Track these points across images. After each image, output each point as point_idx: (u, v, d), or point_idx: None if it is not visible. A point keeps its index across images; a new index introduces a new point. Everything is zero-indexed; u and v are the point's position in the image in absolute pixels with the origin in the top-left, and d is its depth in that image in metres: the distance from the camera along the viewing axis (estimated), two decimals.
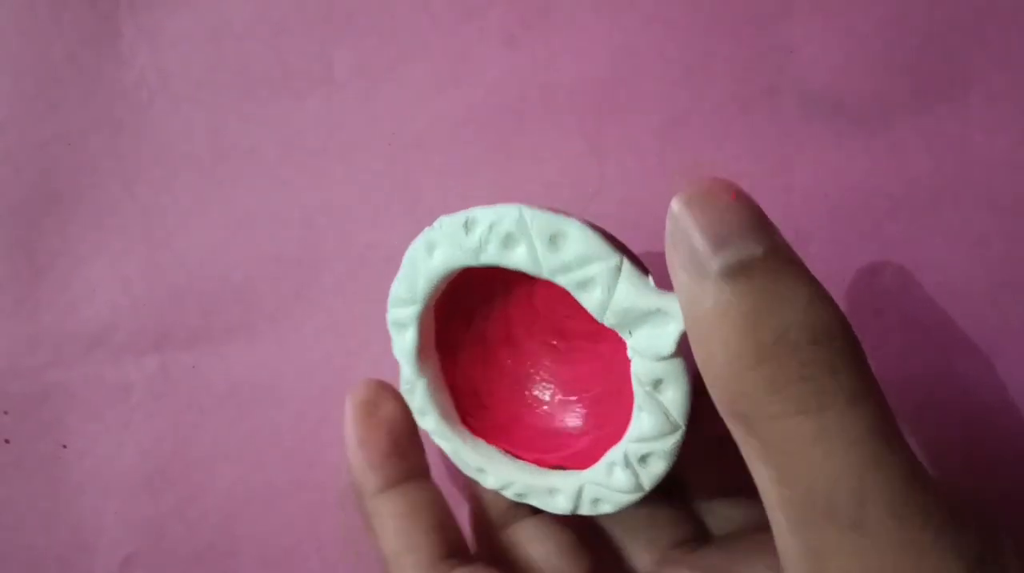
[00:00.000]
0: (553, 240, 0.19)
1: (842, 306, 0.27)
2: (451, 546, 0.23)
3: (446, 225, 0.20)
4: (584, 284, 0.19)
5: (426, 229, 0.21)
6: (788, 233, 0.27)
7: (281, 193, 0.29)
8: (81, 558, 0.28)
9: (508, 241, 0.19)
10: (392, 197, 0.28)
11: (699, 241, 0.16)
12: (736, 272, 0.15)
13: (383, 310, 0.28)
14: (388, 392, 0.24)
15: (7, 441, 0.29)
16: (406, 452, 0.23)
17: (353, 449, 0.23)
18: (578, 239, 0.19)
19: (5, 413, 0.29)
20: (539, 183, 0.28)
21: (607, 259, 0.18)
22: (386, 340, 0.24)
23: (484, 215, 0.19)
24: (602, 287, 0.19)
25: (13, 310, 0.29)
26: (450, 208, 0.28)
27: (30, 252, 0.29)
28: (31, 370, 0.29)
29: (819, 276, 0.27)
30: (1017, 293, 0.27)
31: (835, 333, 0.15)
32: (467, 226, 0.20)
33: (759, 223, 0.16)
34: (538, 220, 0.19)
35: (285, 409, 0.28)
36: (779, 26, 0.28)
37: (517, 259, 0.19)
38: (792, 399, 0.15)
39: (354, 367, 0.28)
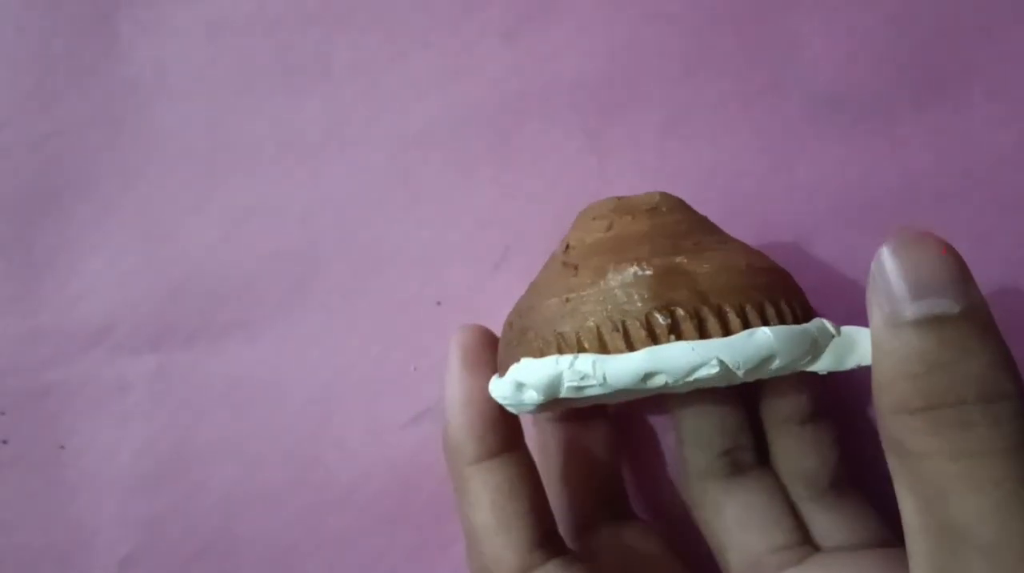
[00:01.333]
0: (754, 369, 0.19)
1: (844, 304, 0.27)
2: (545, 532, 0.22)
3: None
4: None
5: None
6: (790, 231, 0.27)
7: (280, 189, 0.28)
8: (79, 558, 0.28)
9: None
10: (392, 193, 0.28)
11: (899, 287, 0.17)
12: (928, 323, 0.17)
13: (382, 307, 0.28)
14: (493, 338, 0.23)
15: (5, 441, 0.29)
16: (509, 418, 0.22)
17: (455, 409, 0.22)
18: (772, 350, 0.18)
19: (3, 413, 0.29)
20: (539, 180, 0.28)
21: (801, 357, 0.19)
22: (386, 338, 0.24)
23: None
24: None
25: (11, 308, 0.29)
26: (450, 207, 0.28)
27: (28, 249, 0.29)
28: (29, 369, 0.29)
29: (822, 274, 0.27)
30: (1019, 292, 0.27)
31: (1007, 394, 0.17)
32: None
33: (960, 282, 0.17)
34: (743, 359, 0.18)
35: (284, 408, 0.28)
36: (782, 22, 0.27)
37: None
38: (947, 442, 0.17)
39: (354, 365, 0.28)
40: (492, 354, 0.22)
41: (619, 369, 0.18)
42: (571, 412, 0.26)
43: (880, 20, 0.27)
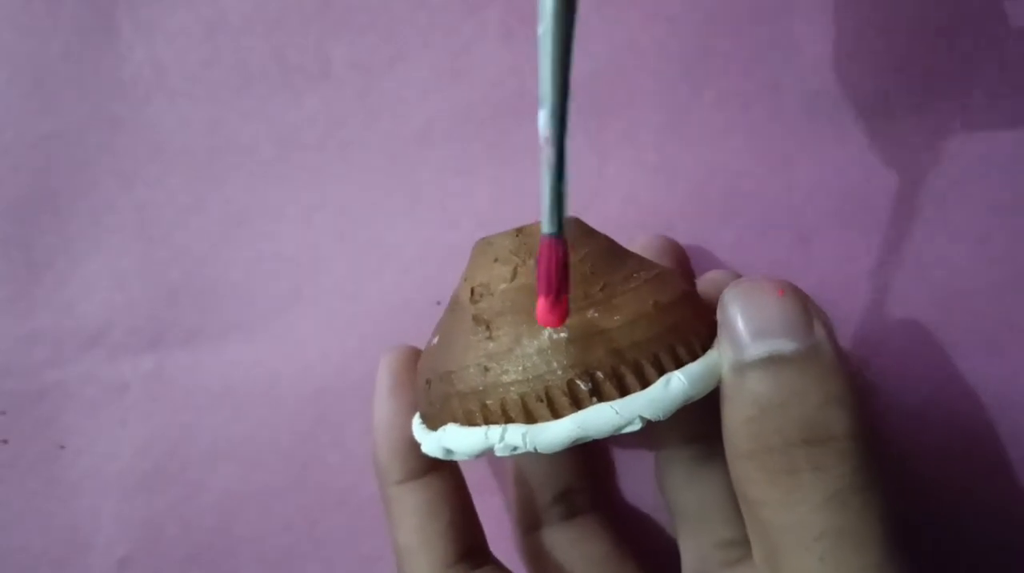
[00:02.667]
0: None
1: (842, 305, 0.27)
2: (466, 546, 0.22)
3: None
4: None
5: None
6: (789, 232, 0.27)
7: (278, 190, 0.28)
8: (78, 558, 0.28)
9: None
10: (390, 194, 0.28)
11: (741, 332, 0.17)
12: (766, 364, 0.17)
13: (381, 308, 0.28)
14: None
15: (4, 441, 0.29)
16: None
17: (380, 431, 0.23)
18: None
19: (2, 413, 0.29)
20: (538, 180, 0.28)
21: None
22: (385, 338, 0.24)
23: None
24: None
25: (9, 308, 0.29)
26: (450, 207, 0.28)
27: (27, 250, 0.29)
28: (28, 369, 0.29)
29: (820, 275, 0.27)
30: (1019, 292, 0.27)
31: (834, 436, 0.17)
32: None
33: (800, 322, 0.17)
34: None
35: (282, 409, 0.28)
36: (781, 23, 0.27)
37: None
38: (776, 489, 0.17)
39: (352, 367, 0.28)
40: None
41: (549, 438, 0.18)
42: None
43: (879, 22, 0.27)
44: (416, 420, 0.22)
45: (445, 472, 0.23)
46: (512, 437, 0.19)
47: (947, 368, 0.27)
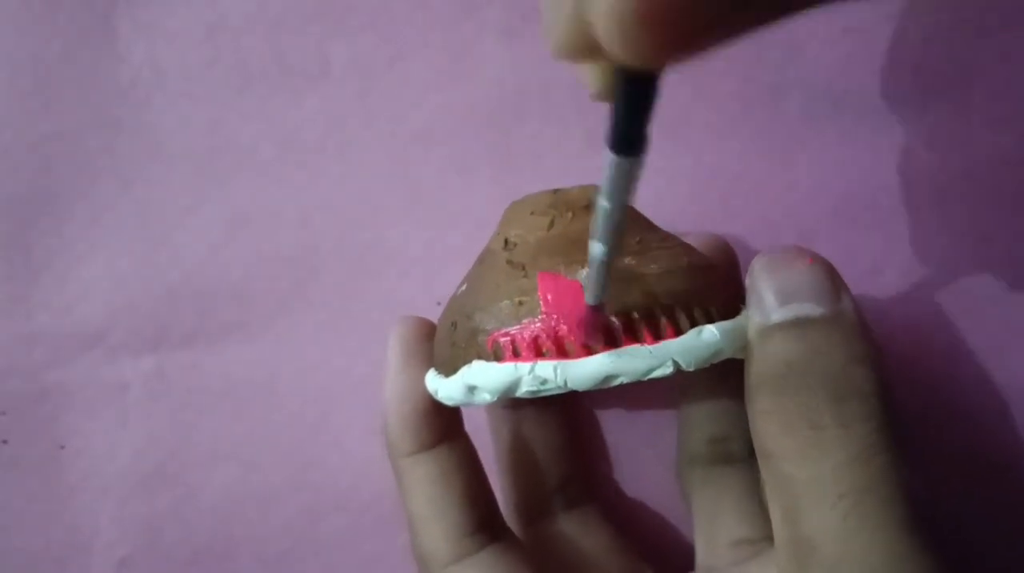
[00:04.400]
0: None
1: None
2: (481, 517, 0.22)
3: None
4: None
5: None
6: (790, 231, 0.27)
7: (278, 191, 0.28)
8: (78, 559, 0.28)
9: None
10: (391, 194, 0.28)
11: (768, 297, 0.18)
12: (792, 326, 0.18)
13: (381, 309, 0.28)
14: (432, 330, 0.23)
15: (4, 441, 0.29)
16: (444, 410, 0.22)
17: (392, 403, 0.22)
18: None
19: (2, 413, 0.29)
20: (539, 180, 0.28)
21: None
22: (384, 339, 0.24)
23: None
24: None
25: (10, 309, 0.29)
26: (450, 207, 0.28)
27: (26, 251, 0.29)
28: (28, 370, 0.29)
29: None
30: (1020, 292, 0.27)
31: (859, 393, 0.17)
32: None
33: (826, 288, 0.18)
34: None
35: (283, 409, 0.28)
36: (781, 23, 0.27)
37: None
38: (798, 444, 0.17)
39: (352, 367, 0.28)
40: (430, 347, 0.23)
41: (581, 373, 0.18)
42: (531, 403, 0.26)
43: (880, 21, 0.27)
44: (431, 373, 0.22)
45: (457, 444, 0.22)
46: (543, 370, 0.19)
47: (948, 368, 0.27)
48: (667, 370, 0.18)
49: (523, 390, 0.19)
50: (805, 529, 0.17)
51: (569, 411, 0.27)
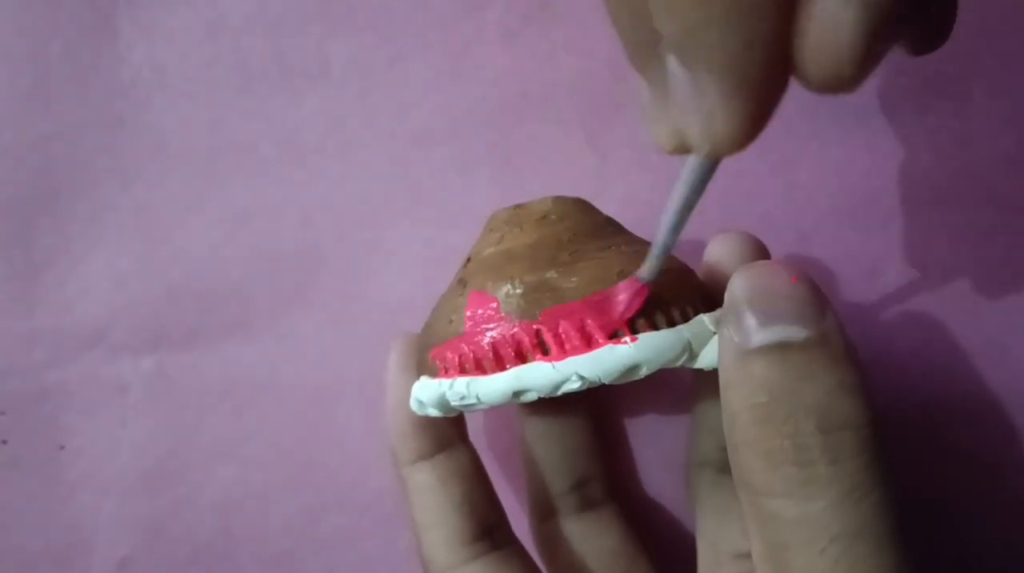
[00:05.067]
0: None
1: (844, 305, 0.27)
2: (484, 524, 0.22)
3: None
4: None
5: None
6: (790, 231, 0.27)
7: (279, 190, 0.28)
8: (78, 558, 0.28)
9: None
10: (391, 194, 0.28)
11: (748, 317, 0.17)
12: (774, 350, 0.16)
13: (381, 308, 0.28)
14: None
15: (4, 441, 0.28)
16: (441, 419, 0.22)
17: (390, 414, 0.23)
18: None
19: (2, 413, 0.29)
20: (539, 180, 0.28)
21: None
22: (384, 339, 0.24)
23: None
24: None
25: (10, 308, 0.29)
26: (450, 207, 0.28)
27: (27, 250, 0.29)
28: (28, 369, 0.29)
29: (821, 275, 0.27)
30: (1020, 292, 0.27)
31: (849, 424, 0.16)
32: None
33: (810, 309, 0.17)
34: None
35: (283, 408, 0.28)
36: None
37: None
38: (784, 480, 0.16)
39: (352, 367, 0.28)
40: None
41: (489, 389, 0.19)
42: (547, 401, 0.26)
43: None
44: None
45: (457, 451, 0.23)
46: (459, 387, 0.19)
47: (948, 368, 0.27)
48: (574, 384, 0.18)
49: (454, 404, 0.20)
50: (792, 572, 0.16)
51: (591, 412, 0.27)
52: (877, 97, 0.27)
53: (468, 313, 0.20)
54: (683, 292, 0.20)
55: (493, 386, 0.19)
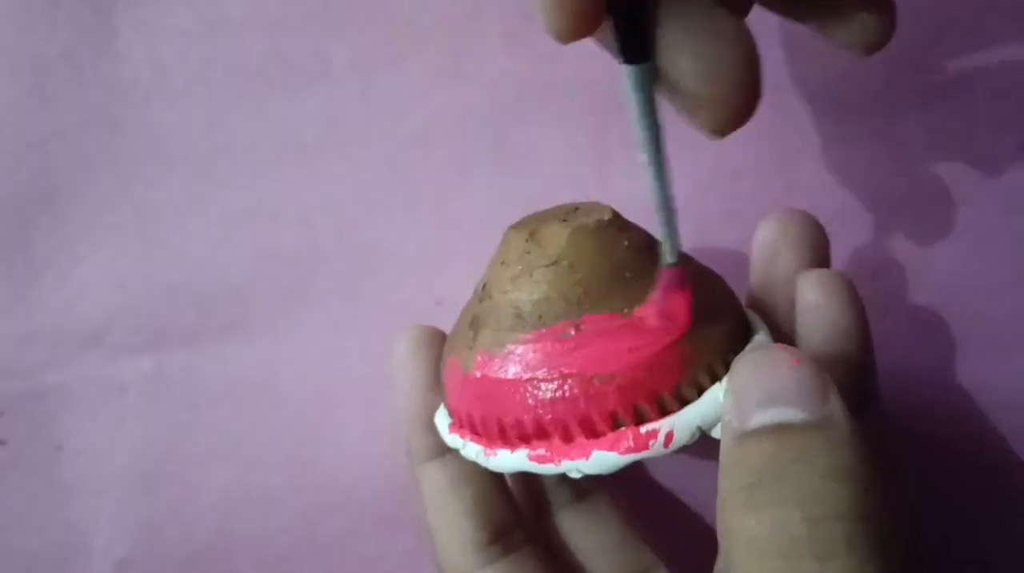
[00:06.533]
0: None
1: None
2: (496, 528, 0.22)
3: None
4: None
5: None
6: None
7: (278, 190, 0.28)
8: (76, 559, 0.28)
9: None
10: (391, 193, 0.28)
11: (747, 400, 0.16)
12: (770, 431, 0.16)
13: (381, 309, 0.28)
14: (439, 336, 0.23)
15: (3, 442, 0.28)
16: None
17: (398, 414, 0.22)
18: None
19: (1, 413, 0.28)
20: (539, 180, 0.28)
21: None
22: (384, 338, 0.24)
23: None
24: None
25: (8, 309, 0.28)
26: (450, 207, 0.28)
27: (25, 250, 0.29)
28: (27, 370, 0.28)
29: None
30: (1022, 291, 0.27)
31: (841, 515, 0.15)
32: None
33: (812, 391, 0.16)
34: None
35: (282, 409, 0.28)
36: (782, 22, 0.27)
37: None
38: None
39: (352, 367, 0.28)
40: (435, 356, 0.22)
41: (497, 464, 0.20)
42: None
43: None
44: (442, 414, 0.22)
45: None
46: (469, 451, 0.20)
47: (949, 368, 0.27)
48: (576, 475, 0.19)
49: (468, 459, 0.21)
50: None
51: None
52: (877, 97, 0.27)
53: (479, 374, 0.20)
54: (708, 343, 0.19)
55: (502, 463, 0.19)
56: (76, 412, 0.28)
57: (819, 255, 0.22)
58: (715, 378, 0.18)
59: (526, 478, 0.26)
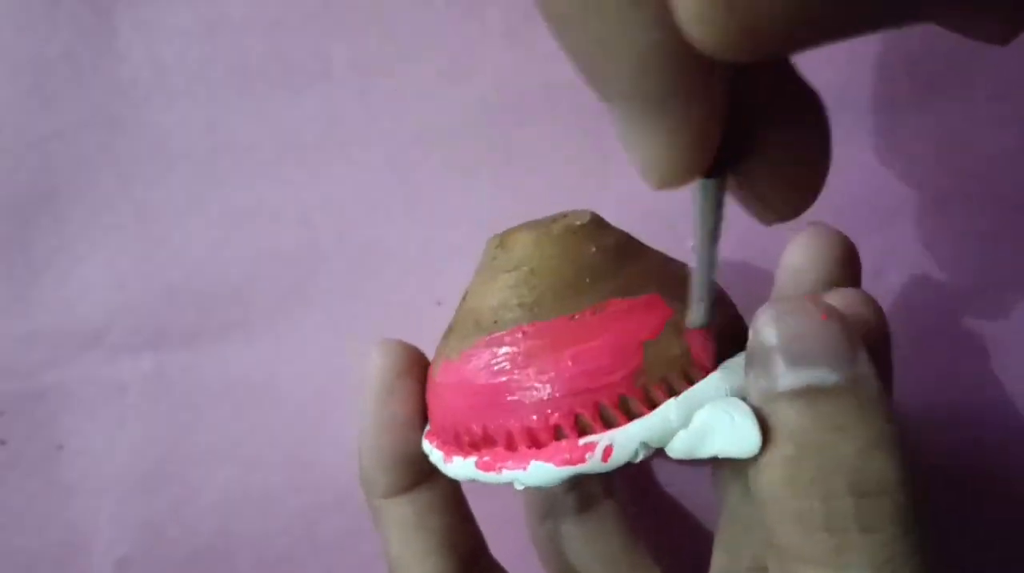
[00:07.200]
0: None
1: None
2: (463, 559, 0.21)
3: None
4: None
5: None
6: (790, 231, 0.27)
7: (278, 190, 0.28)
8: (76, 559, 0.28)
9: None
10: (391, 193, 0.28)
11: (775, 358, 0.16)
12: (802, 395, 0.15)
13: (382, 308, 0.28)
14: (415, 360, 0.21)
15: (3, 441, 0.28)
16: (421, 452, 0.21)
17: (366, 439, 0.21)
18: None
19: (1, 413, 0.28)
20: (539, 180, 0.28)
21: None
22: (384, 339, 0.23)
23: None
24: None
25: (8, 309, 0.28)
26: (450, 207, 0.28)
27: (25, 250, 0.29)
28: (27, 369, 0.28)
29: None
30: (1022, 291, 0.27)
31: (883, 488, 0.15)
32: None
33: (842, 350, 0.15)
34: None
35: (282, 409, 0.28)
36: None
37: None
38: (816, 547, 0.15)
39: (351, 367, 0.28)
40: (413, 377, 0.21)
41: (452, 471, 0.19)
42: None
43: None
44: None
45: (437, 484, 0.21)
46: (455, 469, 0.19)
47: (948, 368, 0.27)
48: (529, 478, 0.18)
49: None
50: None
51: None
52: (877, 97, 0.27)
53: (439, 380, 0.20)
54: (667, 358, 0.18)
55: (457, 470, 0.19)
56: (76, 412, 0.28)
57: (849, 273, 0.21)
58: (672, 393, 0.17)
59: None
